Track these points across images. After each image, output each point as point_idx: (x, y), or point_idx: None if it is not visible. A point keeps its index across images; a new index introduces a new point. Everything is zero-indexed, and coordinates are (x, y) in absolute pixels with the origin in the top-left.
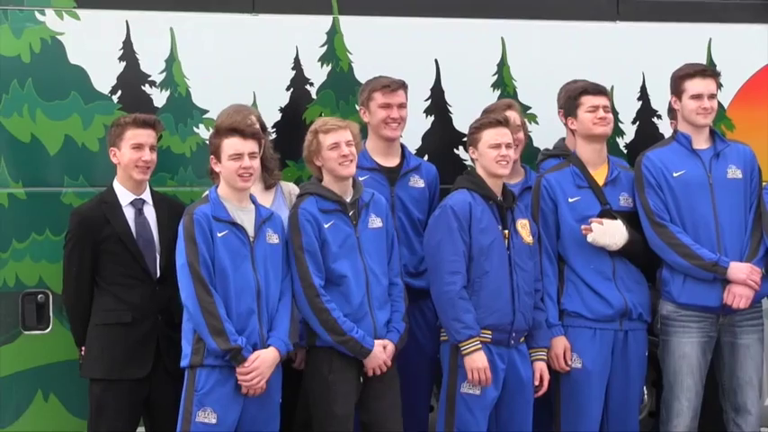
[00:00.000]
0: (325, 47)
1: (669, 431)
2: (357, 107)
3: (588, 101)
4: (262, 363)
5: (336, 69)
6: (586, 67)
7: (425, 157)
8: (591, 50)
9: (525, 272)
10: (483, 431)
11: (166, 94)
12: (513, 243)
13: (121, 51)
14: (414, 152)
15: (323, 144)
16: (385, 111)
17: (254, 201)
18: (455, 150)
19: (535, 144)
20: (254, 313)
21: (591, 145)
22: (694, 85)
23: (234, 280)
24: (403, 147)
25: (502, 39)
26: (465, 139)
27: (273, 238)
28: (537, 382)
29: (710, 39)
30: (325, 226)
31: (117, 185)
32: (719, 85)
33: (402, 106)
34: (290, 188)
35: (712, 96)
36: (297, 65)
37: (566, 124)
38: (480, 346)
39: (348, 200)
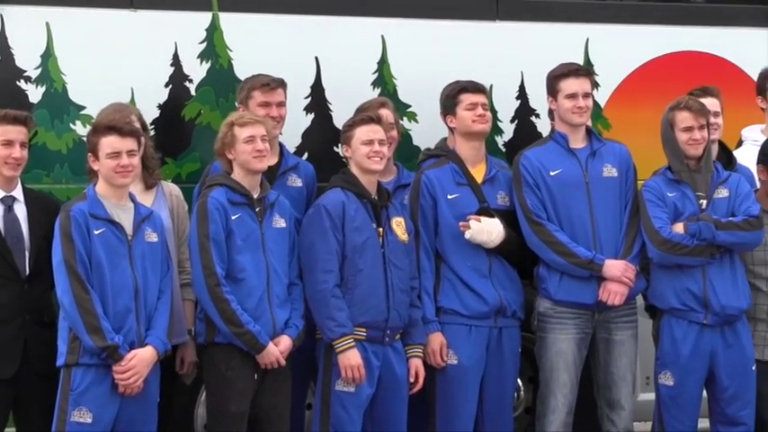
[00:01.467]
0: (205, 43)
1: (545, 426)
2: (236, 105)
3: (467, 98)
4: (139, 362)
5: (216, 66)
6: (466, 66)
7: (305, 156)
8: (470, 49)
9: (400, 269)
10: (357, 429)
11: (42, 89)
12: (387, 241)
13: None
14: (293, 150)
15: (238, 137)
16: (264, 109)
17: (133, 199)
18: (335, 148)
19: (414, 143)
20: (132, 312)
21: (470, 143)
22: (569, 85)
23: (111, 278)
24: (281, 145)
25: (382, 37)
26: None
27: (152, 237)
28: (412, 379)
29: (588, 39)
30: (233, 218)
31: None
32: (595, 85)
33: (281, 105)
34: (172, 188)
35: (587, 95)
36: (176, 61)
37: (446, 122)
38: (354, 343)
39: (255, 196)
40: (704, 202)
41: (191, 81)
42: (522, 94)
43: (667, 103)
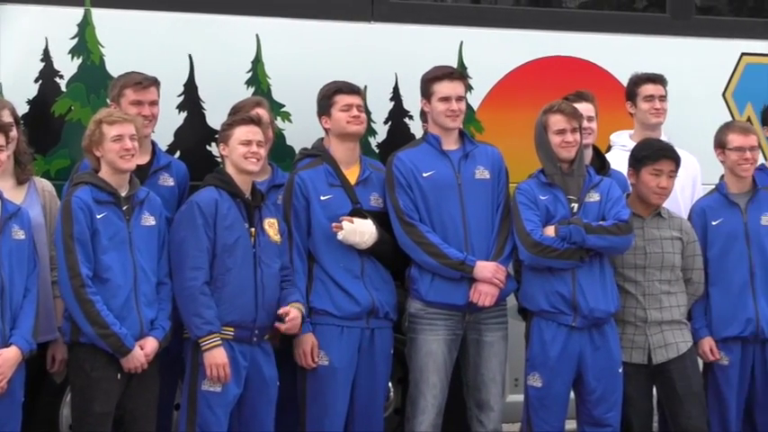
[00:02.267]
0: (76, 39)
1: (414, 427)
2: (108, 102)
3: (342, 100)
4: (4, 362)
5: (87, 62)
6: (341, 66)
7: (177, 154)
8: (345, 50)
9: (271, 270)
10: (224, 429)
11: None
12: (259, 241)
13: None
14: (166, 148)
15: (106, 135)
16: (136, 108)
17: (0, 196)
18: (208, 147)
19: (288, 142)
20: None
21: (344, 144)
22: (442, 88)
23: None
24: (154, 144)
25: (257, 36)
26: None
27: (19, 234)
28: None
29: (462, 42)
30: (98, 217)
31: None
32: (469, 88)
33: (154, 103)
34: (44, 184)
35: (460, 99)
36: (46, 56)
37: (321, 123)
38: (220, 342)
39: (123, 194)
40: (576, 205)
41: (61, 77)
42: (396, 96)
43: (540, 106)
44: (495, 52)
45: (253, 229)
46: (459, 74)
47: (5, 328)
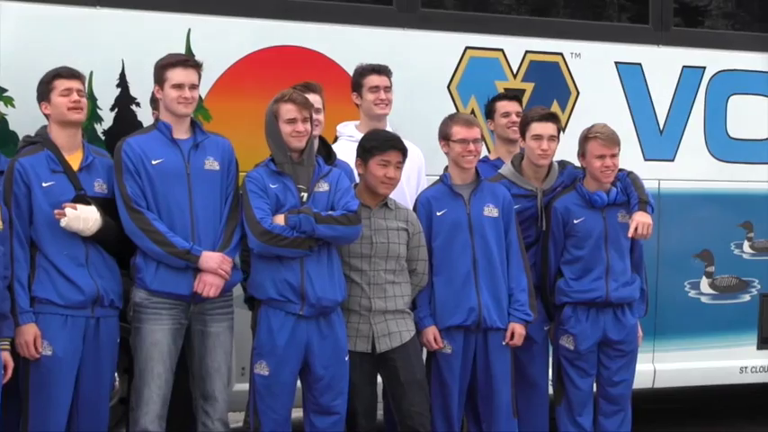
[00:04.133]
0: None
1: (138, 417)
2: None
3: (61, 84)
4: None
5: None
6: (66, 51)
7: None
8: (70, 35)
9: None
10: None
11: None
12: None
13: None
14: None
15: None
16: None
17: None
18: None
19: (11, 128)
20: None
21: (66, 130)
22: (175, 75)
23: None
24: None
25: None
26: None
27: None
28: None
29: (189, 29)
30: None
31: None
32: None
33: None
34: None
35: (194, 86)
36: None
37: (41, 109)
38: None
39: None
40: (305, 195)
41: None
42: (122, 82)
43: (268, 96)
44: (222, 41)
45: None
46: (194, 62)
47: None
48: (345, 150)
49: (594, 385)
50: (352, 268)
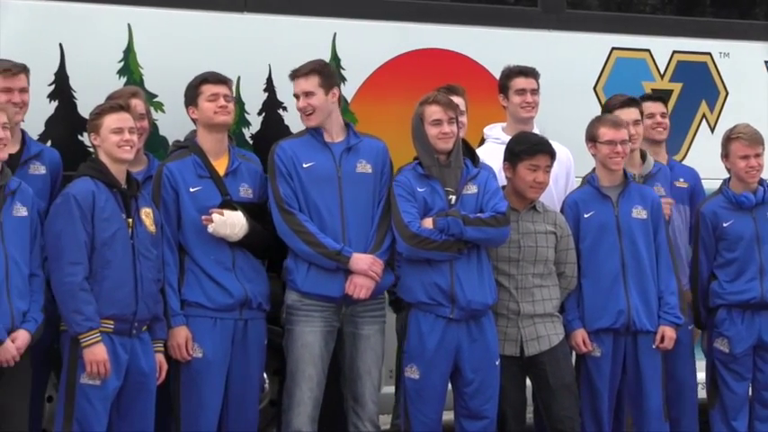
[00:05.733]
0: None
1: (290, 419)
2: None
3: (208, 89)
4: None
5: None
6: (214, 56)
7: (48, 143)
8: (219, 40)
9: (149, 261)
10: (103, 422)
11: None
12: (137, 232)
13: None
14: (36, 138)
15: None
16: (5, 95)
17: None
18: (79, 137)
19: (161, 133)
20: None
21: (212, 135)
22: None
23: None
24: (24, 133)
25: (128, 25)
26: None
27: None
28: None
29: (335, 33)
30: None
31: None
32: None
33: (24, 90)
34: None
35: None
36: None
37: (188, 114)
38: (100, 338)
39: None
40: (453, 197)
41: None
42: (269, 87)
43: (413, 98)
44: (368, 44)
45: (130, 220)
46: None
47: None
48: (492, 153)
49: (750, 389)
50: (500, 272)
